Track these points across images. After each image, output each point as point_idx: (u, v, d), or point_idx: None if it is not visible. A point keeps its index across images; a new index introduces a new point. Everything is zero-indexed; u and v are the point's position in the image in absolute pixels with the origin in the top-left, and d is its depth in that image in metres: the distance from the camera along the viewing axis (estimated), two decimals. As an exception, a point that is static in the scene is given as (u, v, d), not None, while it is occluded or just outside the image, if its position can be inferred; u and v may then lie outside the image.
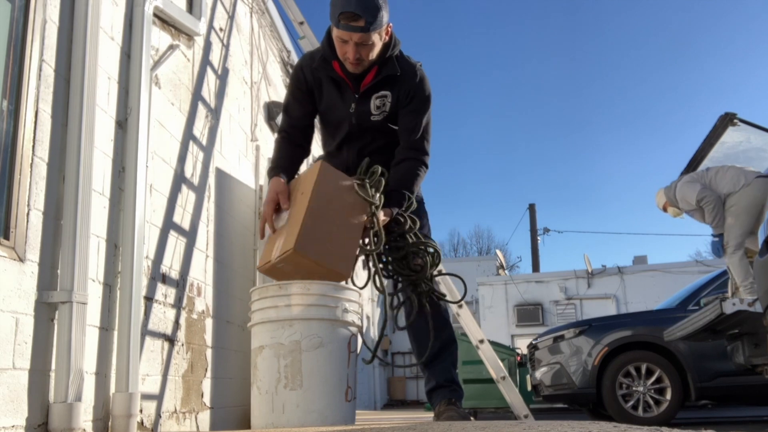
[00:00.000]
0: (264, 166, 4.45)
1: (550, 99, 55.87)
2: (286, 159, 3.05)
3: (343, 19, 2.67)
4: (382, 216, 2.81)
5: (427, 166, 3.01)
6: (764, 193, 4.95)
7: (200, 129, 3.40)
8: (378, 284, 2.80)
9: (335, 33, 2.75)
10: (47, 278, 2.09)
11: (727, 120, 4.99)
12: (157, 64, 2.94)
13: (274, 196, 2.86)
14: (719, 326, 4.74)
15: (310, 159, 6.47)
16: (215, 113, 3.64)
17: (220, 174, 3.64)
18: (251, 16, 4.56)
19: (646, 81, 55.06)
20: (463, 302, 3.73)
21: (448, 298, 3.21)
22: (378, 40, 2.78)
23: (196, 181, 3.30)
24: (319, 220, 2.79)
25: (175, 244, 3.02)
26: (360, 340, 2.97)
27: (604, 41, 54.60)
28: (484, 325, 15.95)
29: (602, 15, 53.98)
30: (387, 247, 2.90)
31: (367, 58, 2.80)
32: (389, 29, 2.84)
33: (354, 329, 2.88)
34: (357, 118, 2.98)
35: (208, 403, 3.22)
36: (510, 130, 54.61)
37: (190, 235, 3.18)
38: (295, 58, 5.55)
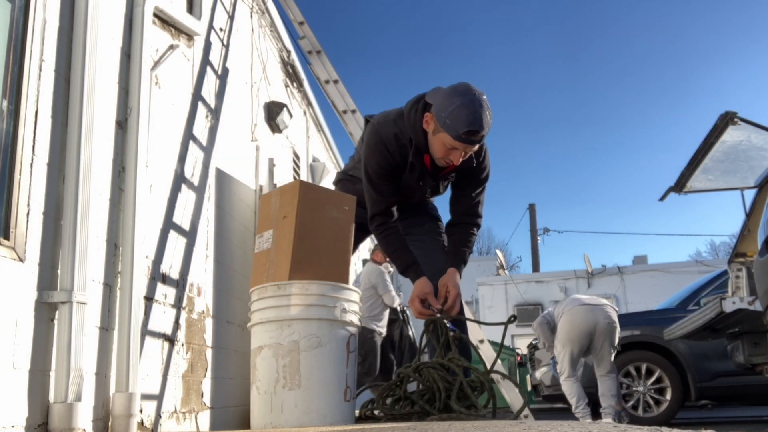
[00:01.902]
0: (264, 166, 4.45)
1: (551, 98, 55.90)
2: (409, 249, 3.03)
3: (467, 134, 2.66)
4: (454, 275, 2.98)
5: (479, 227, 3.16)
6: (582, 319, 5.25)
7: (200, 129, 3.40)
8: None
9: (446, 140, 2.71)
10: (47, 278, 2.09)
11: (727, 119, 4.97)
12: (157, 64, 2.94)
13: (422, 298, 2.92)
14: (719, 325, 4.74)
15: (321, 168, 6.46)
16: (215, 113, 3.64)
17: (220, 174, 3.64)
18: (251, 16, 4.56)
19: (646, 80, 55.11)
20: (464, 302, 3.74)
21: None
22: None
23: (196, 181, 3.30)
24: (307, 242, 2.91)
25: (175, 244, 3.02)
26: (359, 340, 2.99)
27: (605, 41, 54.64)
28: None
29: (604, 14, 54.00)
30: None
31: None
32: None
33: (353, 329, 2.89)
34: (428, 196, 3.18)
35: (208, 403, 3.22)
36: (510, 130, 54.60)
37: (190, 235, 3.18)
38: (295, 58, 5.54)
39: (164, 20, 3.09)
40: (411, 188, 3.04)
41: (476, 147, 2.78)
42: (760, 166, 5.42)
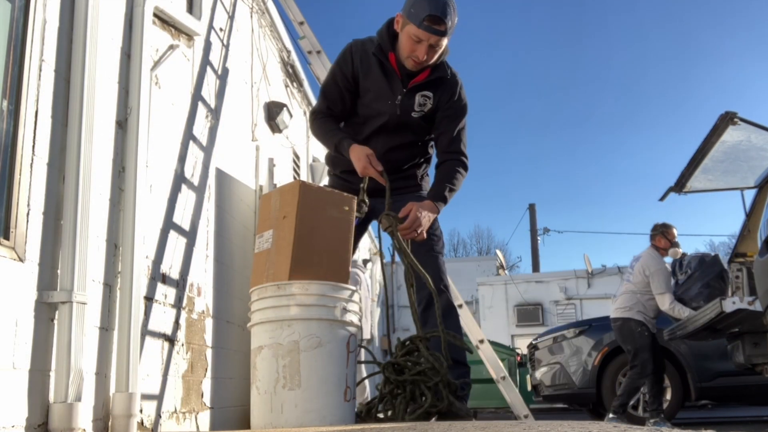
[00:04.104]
0: (264, 166, 4.45)
1: (551, 97, 55.90)
2: (340, 128, 3.10)
3: (428, 21, 2.72)
4: (426, 203, 2.91)
5: (466, 168, 3.11)
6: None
7: (200, 129, 3.41)
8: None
9: (412, 31, 2.79)
10: (47, 278, 2.09)
11: (727, 119, 4.98)
12: (157, 64, 2.94)
13: (366, 161, 2.91)
14: (719, 325, 4.75)
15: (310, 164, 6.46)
16: (215, 113, 3.64)
17: (220, 174, 3.64)
18: (251, 16, 4.56)
19: (647, 80, 55.10)
20: (462, 302, 3.74)
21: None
22: (445, 44, 2.88)
23: (196, 181, 3.30)
24: (307, 242, 2.91)
25: (175, 244, 3.02)
26: (359, 340, 2.99)
27: (606, 37, 54.63)
28: (484, 325, 15.91)
29: (604, 11, 54.01)
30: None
31: (432, 59, 2.89)
32: None
33: (353, 329, 2.89)
34: (400, 110, 3.06)
35: (208, 403, 3.22)
36: (510, 129, 54.64)
37: (190, 235, 3.18)
38: (295, 58, 5.54)
39: (164, 20, 3.09)
40: (382, 98, 3.03)
41: (441, 41, 2.81)
42: (760, 166, 5.43)
